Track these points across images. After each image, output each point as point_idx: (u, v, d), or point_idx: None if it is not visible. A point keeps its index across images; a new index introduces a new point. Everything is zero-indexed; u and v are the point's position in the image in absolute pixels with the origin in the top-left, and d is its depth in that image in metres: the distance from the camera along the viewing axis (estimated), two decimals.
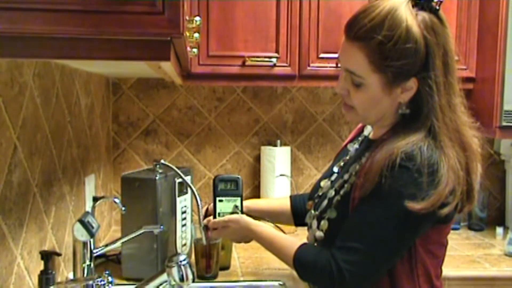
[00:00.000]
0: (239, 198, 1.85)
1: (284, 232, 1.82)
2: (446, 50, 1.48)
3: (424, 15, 1.46)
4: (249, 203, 1.93)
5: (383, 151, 1.45)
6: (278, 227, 1.92)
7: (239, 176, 1.87)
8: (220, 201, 1.83)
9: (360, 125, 1.82)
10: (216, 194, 1.84)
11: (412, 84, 1.48)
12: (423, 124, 1.48)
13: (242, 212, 1.83)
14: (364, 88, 1.51)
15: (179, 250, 2.21)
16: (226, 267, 2.29)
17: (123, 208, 1.88)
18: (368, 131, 1.73)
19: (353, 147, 1.74)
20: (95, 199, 1.91)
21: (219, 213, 1.82)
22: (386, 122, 1.58)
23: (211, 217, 1.85)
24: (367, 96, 1.52)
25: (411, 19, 1.44)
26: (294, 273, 1.63)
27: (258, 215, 1.94)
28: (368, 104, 1.54)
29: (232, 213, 1.82)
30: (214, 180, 1.86)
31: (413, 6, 1.47)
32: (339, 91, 1.59)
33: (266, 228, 1.72)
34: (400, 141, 1.45)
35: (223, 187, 1.85)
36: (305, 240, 1.67)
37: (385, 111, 1.55)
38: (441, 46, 1.47)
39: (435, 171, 1.42)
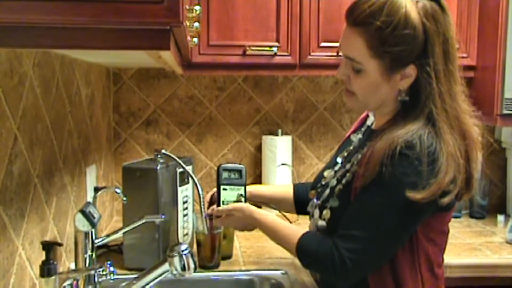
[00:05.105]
0: (242, 187, 1.85)
1: (289, 221, 1.82)
2: (446, 37, 1.49)
3: (425, 2, 1.47)
4: (251, 189, 1.94)
5: (383, 140, 1.46)
6: (283, 215, 1.92)
7: (243, 166, 1.87)
8: (224, 189, 1.84)
9: (362, 115, 1.83)
10: (220, 183, 1.84)
11: (411, 71, 1.49)
12: (422, 111, 1.48)
13: (246, 201, 1.84)
14: (364, 74, 1.52)
15: (180, 240, 2.21)
16: (228, 257, 2.29)
17: (125, 198, 1.88)
18: (370, 121, 1.73)
19: (356, 138, 1.74)
20: (96, 189, 1.91)
21: (223, 202, 1.83)
22: (386, 109, 1.59)
23: (215, 206, 1.86)
24: (366, 82, 1.53)
25: (410, 5, 1.45)
26: (296, 262, 1.64)
27: (260, 201, 1.95)
28: (367, 90, 1.55)
29: (236, 201, 1.83)
30: (218, 169, 1.86)
31: None
32: (339, 77, 1.60)
33: (270, 217, 1.73)
34: (400, 130, 1.46)
35: (226, 176, 1.85)
36: (307, 229, 1.67)
37: (384, 97, 1.56)
38: (441, 34, 1.47)
39: (435, 159, 1.42)
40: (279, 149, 2.86)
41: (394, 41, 1.45)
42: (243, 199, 1.84)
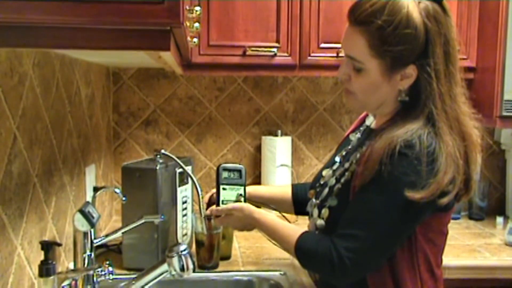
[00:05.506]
0: (242, 187, 1.85)
1: (288, 221, 1.82)
2: (447, 39, 1.49)
3: (427, 3, 1.47)
4: (250, 190, 1.93)
5: (383, 140, 1.46)
6: (282, 215, 1.92)
7: (242, 166, 1.87)
8: (224, 189, 1.83)
9: (362, 115, 1.83)
10: (219, 182, 1.84)
11: (411, 71, 1.49)
12: (422, 111, 1.49)
13: (246, 201, 1.83)
14: (364, 73, 1.52)
15: (179, 240, 2.22)
16: (227, 257, 2.29)
17: (124, 198, 1.88)
18: (370, 121, 1.73)
19: (355, 137, 1.74)
20: (96, 189, 1.91)
21: (222, 201, 1.82)
22: (386, 109, 1.59)
23: (214, 207, 1.85)
24: (367, 81, 1.53)
25: (412, 6, 1.45)
26: (295, 262, 1.64)
27: (259, 201, 1.95)
28: (367, 90, 1.55)
29: (236, 201, 1.83)
30: (217, 168, 1.85)
31: None
32: (340, 76, 1.60)
33: (269, 216, 1.73)
34: (400, 130, 1.46)
35: (226, 175, 1.85)
36: (306, 229, 1.67)
37: (385, 97, 1.56)
38: (442, 35, 1.48)
39: (435, 159, 1.43)
40: (278, 149, 2.86)
41: (395, 40, 1.46)
42: (242, 199, 1.84)
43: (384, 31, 1.45)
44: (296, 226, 1.69)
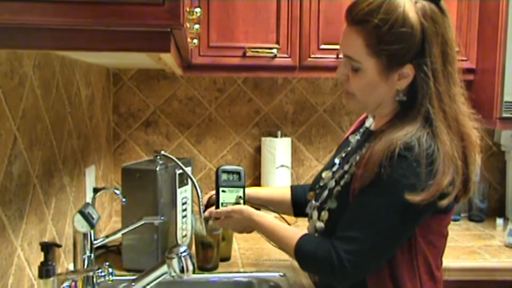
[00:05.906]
0: (241, 189, 1.85)
1: (287, 223, 1.82)
2: (445, 39, 1.49)
3: (424, 3, 1.48)
4: (249, 191, 1.93)
5: (382, 142, 1.46)
6: (282, 217, 1.92)
7: (241, 168, 1.88)
8: (223, 191, 1.84)
9: (361, 117, 1.83)
10: (219, 184, 1.84)
11: (408, 71, 1.50)
12: (419, 111, 1.49)
13: (245, 203, 1.83)
14: (361, 73, 1.53)
15: (179, 241, 2.21)
16: (226, 258, 2.29)
17: (124, 199, 1.88)
18: (369, 122, 1.73)
19: (354, 139, 1.74)
20: (96, 190, 1.91)
21: (222, 203, 1.83)
22: (385, 110, 1.59)
23: (213, 208, 1.85)
24: (364, 81, 1.54)
25: (409, 5, 1.46)
26: (295, 264, 1.64)
27: (258, 203, 1.95)
28: (365, 89, 1.56)
29: (235, 203, 1.83)
30: (217, 170, 1.86)
31: None
32: (338, 77, 1.62)
33: (268, 218, 1.73)
34: (399, 132, 1.47)
35: (225, 178, 1.85)
36: (306, 231, 1.67)
37: (383, 97, 1.56)
38: (439, 35, 1.48)
39: (433, 161, 1.43)
40: (278, 150, 2.86)
41: (391, 39, 1.46)
42: (242, 201, 1.84)
43: (380, 30, 1.46)
44: (295, 228, 1.69)
